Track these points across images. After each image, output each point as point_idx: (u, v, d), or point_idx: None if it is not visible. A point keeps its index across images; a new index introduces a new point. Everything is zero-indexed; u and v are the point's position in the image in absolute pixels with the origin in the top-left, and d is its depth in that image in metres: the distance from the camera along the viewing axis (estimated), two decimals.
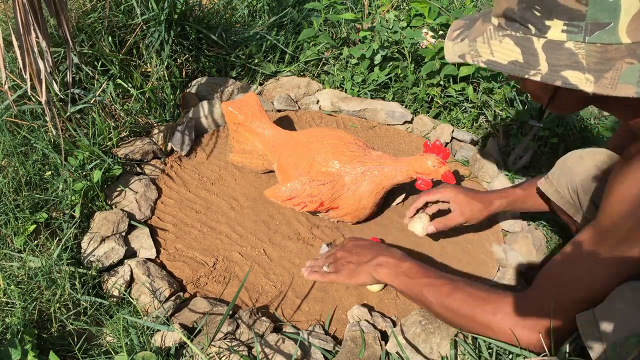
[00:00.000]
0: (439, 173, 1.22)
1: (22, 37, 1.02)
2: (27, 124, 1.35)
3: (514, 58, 0.76)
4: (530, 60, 0.74)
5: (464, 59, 0.81)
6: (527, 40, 0.76)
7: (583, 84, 0.71)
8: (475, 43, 0.81)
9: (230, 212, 1.36)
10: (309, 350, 1.02)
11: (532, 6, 0.74)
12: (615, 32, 0.70)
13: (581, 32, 0.71)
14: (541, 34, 0.74)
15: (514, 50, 0.76)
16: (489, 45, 0.79)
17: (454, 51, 0.84)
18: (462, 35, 0.86)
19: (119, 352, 0.96)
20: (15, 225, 1.16)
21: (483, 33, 0.81)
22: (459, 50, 0.83)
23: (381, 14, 2.00)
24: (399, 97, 1.78)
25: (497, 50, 0.78)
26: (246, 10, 2.04)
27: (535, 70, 0.74)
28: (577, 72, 0.71)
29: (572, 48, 0.72)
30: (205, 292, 1.16)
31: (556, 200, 1.10)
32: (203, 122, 1.57)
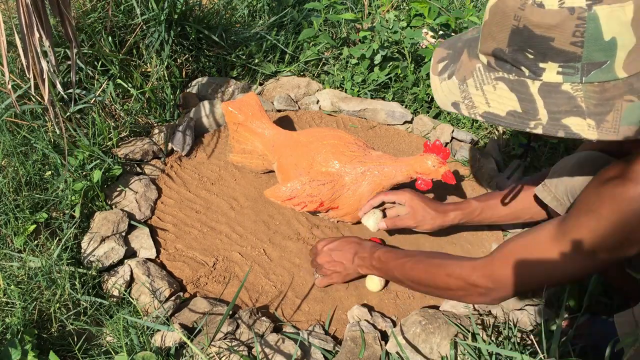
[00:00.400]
0: (439, 173, 1.22)
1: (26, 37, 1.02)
2: (27, 124, 1.35)
3: (511, 107, 0.73)
4: (529, 109, 0.72)
5: (458, 110, 0.78)
6: (522, 85, 0.73)
7: (585, 131, 0.69)
8: (466, 87, 0.78)
9: (230, 212, 1.36)
10: (309, 350, 1.02)
11: (524, 49, 0.71)
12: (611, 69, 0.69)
13: (577, 73, 0.69)
14: (536, 76, 0.72)
15: (509, 97, 0.73)
16: (483, 92, 0.76)
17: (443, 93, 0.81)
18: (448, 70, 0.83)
19: (119, 352, 0.96)
20: (15, 225, 1.16)
21: (472, 73, 0.78)
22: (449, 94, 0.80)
23: (381, 14, 2.00)
24: (399, 97, 1.78)
25: (493, 99, 0.75)
26: (246, 10, 2.04)
27: (535, 120, 0.71)
28: (578, 119, 0.69)
29: (569, 91, 0.70)
30: (205, 292, 1.16)
31: (555, 207, 1.10)
32: (203, 122, 1.57)
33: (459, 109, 0.78)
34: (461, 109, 0.77)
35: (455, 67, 0.82)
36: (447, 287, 0.98)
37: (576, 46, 0.68)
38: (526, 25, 0.69)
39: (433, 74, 0.85)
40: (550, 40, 0.69)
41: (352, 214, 1.29)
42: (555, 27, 0.68)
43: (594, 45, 0.67)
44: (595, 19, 0.66)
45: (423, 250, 1.13)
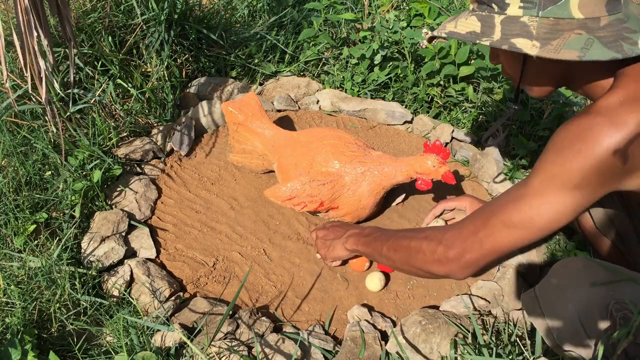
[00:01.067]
0: (439, 173, 1.22)
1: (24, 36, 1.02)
2: (27, 124, 1.35)
3: (472, 29, 0.85)
4: (486, 31, 0.84)
5: (431, 32, 0.94)
6: (489, 18, 0.85)
7: (528, 48, 0.79)
8: (445, 24, 0.91)
9: (230, 212, 1.36)
10: (309, 350, 1.02)
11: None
12: (567, 7, 0.78)
13: (535, 7, 0.80)
14: (502, 11, 0.84)
15: (475, 24, 0.86)
16: (456, 22, 0.89)
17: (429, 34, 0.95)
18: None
19: (119, 352, 0.96)
20: (15, 225, 1.16)
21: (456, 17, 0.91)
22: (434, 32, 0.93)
23: (381, 14, 2.00)
24: (399, 97, 1.78)
25: (461, 24, 0.88)
26: (246, 10, 2.04)
27: (488, 37, 0.83)
28: (525, 40, 0.80)
29: (526, 21, 0.81)
30: (205, 292, 1.16)
31: None
32: (203, 122, 1.57)
33: (433, 32, 0.93)
34: (434, 32, 0.93)
35: None
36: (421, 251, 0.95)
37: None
38: None
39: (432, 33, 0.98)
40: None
41: (352, 214, 1.29)
42: None
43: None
44: None
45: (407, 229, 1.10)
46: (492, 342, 0.98)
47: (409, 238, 0.98)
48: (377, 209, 1.33)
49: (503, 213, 0.85)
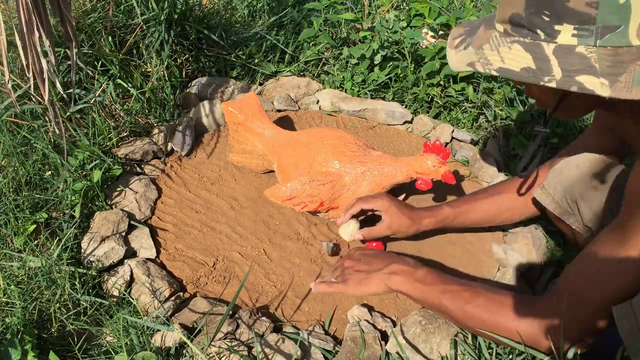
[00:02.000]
0: (439, 173, 1.22)
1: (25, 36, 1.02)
2: (27, 124, 1.35)
3: (525, 65, 0.74)
4: (543, 66, 0.73)
5: (474, 67, 0.78)
6: (537, 46, 0.74)
7: (599, 88, 0.69)
8: (482, 51, 0.79)
9: (230, 212, 1.36)
10: (309, 350, 1.02)
11: (541, 11, 0.72)
12: (626, 34, 0.69)
13: (592, 36, 0.70)
14: (551, 39, 0.73)
15: (524, 56, 0.74)
16: (498, 52, 0.77)
17: (460, 59, 0.82)
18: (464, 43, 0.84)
19: (119, 352, 0.96)
20: (15, 225, 1.16)
21: (489, 40, 0.79)
22: (466, 58, 0.80)
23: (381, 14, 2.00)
24: (399, 97, 1.78)
25: (508, 57, 0.76)
26: (246, 10, 2.04)
27: (549, 76, 0.72)
28: (591, 77, 0.70)
29: (583, 52, 0.71)
30: (205, 292, 1.16)
31: (553, 209, 1.09)
32: (203, 122, 1.57)
33: (474, 66, 0.78)
34: (476, 67, 0.78)
35: (471, 39, 0.83)
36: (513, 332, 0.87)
37: (591, 7, 0.69)
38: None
39: (449, 48, 0.86)
40: (566, 0, 0.70)
41: None
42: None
43: (609, 7, 0.68)
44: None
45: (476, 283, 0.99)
46: (493, 342, 0.98)
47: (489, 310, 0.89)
48: None
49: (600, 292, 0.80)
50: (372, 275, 1.01)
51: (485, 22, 0.84)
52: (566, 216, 1.09)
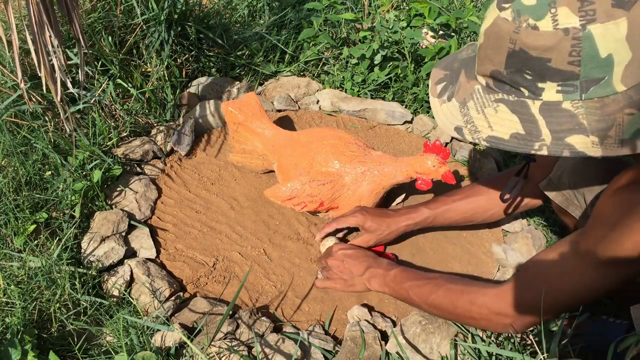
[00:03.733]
0: (439, 173, 1.22)
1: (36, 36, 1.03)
2: (27, 124, 1.35)
3: (514, 130, 0.73)
4: (532, 130, 0.72)
5: (461, 134, 0.78)
6: (523, 105, 0.73)
7: (589, 148, 0.69)
8: (467, 110, 0.78)
9: (230, 212, 1.36)
10: (309, 350, 1.02)
11: (522, 71, 0.71)
12: (610, 84, 0.69)
13: (577, 91, 0.70)
14: (535, 96, 0.72)
15: (511, 119, 0.73)
16: (485, 116, 0.76)
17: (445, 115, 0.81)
18: (447, 92, 0.83)
19: (119, 352, 0.96)
20: (15, 225, 1.16)
21: (472, 95, 0.78)
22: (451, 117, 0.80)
23: (381, 14, 2.00)
24: (399, 97, 1.78)
25: (495, 122, 0.75)
26: (246, 10, 2.04)
27: (539, 142, 0.71)
28: (581, 136, 0.69)
29: (570, 109, 0.70)
30: (205, 292, 1.16)
31: (560, 202, 1.10)
32: (203, 122, 1.57)
33: (462, 133, 0.78)
34: (464, 134, 0.77)
35: (454, 88, 0.82)
36: (470, 316, 0.96)
37: (573, 65, 0.68)
38: (522, 47, 0.70)
39: (432, 96, 0.85)
40: (547, 61, 0.69)
41: None
42: (552, 48, 0.68)
43: (591, 63, 0.68)
44: (590, 38, 0.66)
45: (442, 273, 1.09)
46: (492, 342, 0.99)
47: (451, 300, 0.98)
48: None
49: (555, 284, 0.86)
50: (355, 280, 1.14)
51: (465, 67, 0.83)
52: (572, 208, 1.08)
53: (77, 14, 1.10)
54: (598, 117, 0.69)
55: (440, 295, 0.99)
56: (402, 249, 1.31)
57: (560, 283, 0.84)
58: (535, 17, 0.68)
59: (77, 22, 1.11)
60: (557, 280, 0.85)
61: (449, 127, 0.80)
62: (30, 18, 1.02)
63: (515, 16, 0.70)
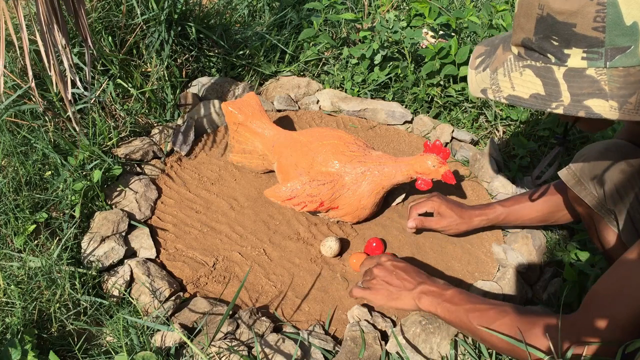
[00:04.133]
0: (439, 173, 1.22)
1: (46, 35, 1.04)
2: (27, 124, 1.35)
3: (535, 91, 0.75)
4: (552, 92, 0.74)
5: (485, 95, 0.81)
6: (548, 70, 0.75)
7: (607, 111, 0.70)
8: (496, 75, 0.81)
9: (230, 212, 1.36)
10: (309, 350, 1.02)
11: (549, 37, 0.74)
12: (636, 54, 0.70)
13: (601, 58, 0.71)
14: (561, 62, 0.74)
15: (534, 82, 0.76)
16: (510, 79, 0.79)
17: (476, 83, 0.84)
18: (483, 64, 0.86)
19: (119, 352, 0.96)
20: (15, 225, 1.16)
21: (504, 63, 0.81)
22: (481, 83, 0.83)
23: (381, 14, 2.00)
24: (399, 97, 1.78)
25: (518, 83, 0.77)
26: (246, 10, 2.04)
27: (557, 102, 0.73)
28: (600, 100, 0.71)
29: (593, 75, 0.72)
30: (205, 292, 1.16)
31: (578, 191, 1.07)
32: (203, 122, 1.57)
33: (486, 93, 0.81)
34: (488, 94, 0.81)
35: (490, 60, 0.85)
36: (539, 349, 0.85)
37: (598, 31, 0.70)
38: (549, 13, 0.72)
39: (470, 68, 0.89)
40: (573, 26, 0.71)
41: (352, 214, 1.29)
42: (576, 13, 0.70)
43: (616, 30, 0.69)
44: (614, 4, 0.68)
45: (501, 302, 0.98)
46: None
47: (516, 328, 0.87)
48: (377, 209, 1.33)
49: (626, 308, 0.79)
50: (403, 294, 1.04)
51: (504, 42, 0.85)
52: (589, 198, 1.06)
53: (83, 14, 1.11)
54: (620, 85, 0.71)
55: (507, 323, 0.89)
56: (402, 248, 1.31)
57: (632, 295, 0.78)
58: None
59: (84, 22, 1.12)
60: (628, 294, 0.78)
61: (476, 91, 0.83)
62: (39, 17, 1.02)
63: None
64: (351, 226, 1.36)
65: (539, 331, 0.85)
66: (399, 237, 1.34)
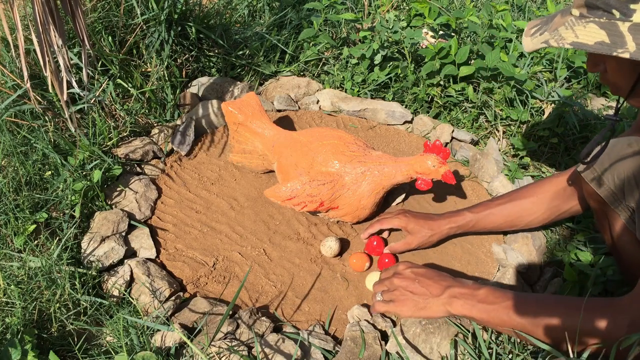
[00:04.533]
0: (439, 173, 1.22)
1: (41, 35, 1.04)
2: (27, 124, 1.35)
3: (600, 39, 0.75)
4: (617, 41, 0.74)
5: (548, 44, 0.80)
6: (612, 25, 0.75)
7: None
8: (557, 31, 0.80)
9: (230, 212, 1.36)
10: (309, 350, 1.02)
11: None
12: None
13: None
14: (626, 17, 0.74)
15: (599, 33, 0.76)
16: (573, 30, 0.78)
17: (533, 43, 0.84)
18: (540, 31, 0.85)
19: (119, 352, 0.96)
20: (15, 225, 1.16)
21: (564, 23, 0.81)
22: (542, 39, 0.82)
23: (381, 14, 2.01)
24: (399, 97, 1.78)
25: (582, 33, 0.77)
26: (246, 10, 2.04)
27: (623, 49, 0.73)
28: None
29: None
30: (205, 292, 1.16)
31: (595, 187, 1.05)
32: (203, 122, 1.57)
33: (548, 43, 0.80)
34: (550, 42, 0.80)
35: (547, 27, 0.85)
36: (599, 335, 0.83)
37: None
38: None
39: (525, 36, 0.88)
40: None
41: (352, 214, 1.29)
42: None
43: None
44: None
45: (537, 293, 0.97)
46: (492, 342, 0.98)
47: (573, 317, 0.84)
48: (377, 209, 1.33)
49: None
50: (431, 302, 0.99)
51: (562, 12, 0.85)
52: (606, 193, 1.03)
53: (80, 14, 1.11)
54: None
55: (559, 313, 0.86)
56: None
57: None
58: None
59: (81, 22, 1.12)
60: None
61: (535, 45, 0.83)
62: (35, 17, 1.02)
63: None
64: (351, 226, 1.36)
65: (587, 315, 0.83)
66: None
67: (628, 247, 1.04)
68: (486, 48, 1.72)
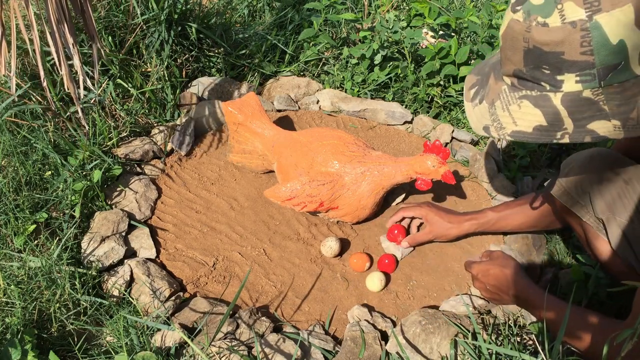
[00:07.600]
0: (438, 173, 1.22)
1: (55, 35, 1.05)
2: (27, 124, 1.35)
3: (537, 123, 0.76)
4: (554, 120, 0.75)
5: (489, 133, 0.82)
6: (545, 99, 0.76)
7: (612, 132, 0.71)
8: (495, 109, 0.81)
9: (230, 212, 1.36)
10: (309, 350, 1.02)
11: (540, 66, 0.74)
12: (628, 68, 0.70)
13: (595, 79, 0.72)
14: (556, 89, 0.75)
15: (534, 113, 0.76)
16: (509, 112, 0.79)
17: (476, 117, 0.85)
18: (479, 96, 0.87)
19: (119, 352, 0.96)
20: (15, 225, 1.16)
21: (499, 95, 0.81)
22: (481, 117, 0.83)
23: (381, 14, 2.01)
24: (399, 97, 1.78)
25: (519, 117, 0.78)
26: (246, 10, 2.04)
27: (562, 131, 0.74)
28: (603, 122, 0.72)
29: (590, 97, 0.72)
30: (206, 292, 1.16)
31: (565, 201, 1.09)
32: (203, 122, 1.57)
33: (489, 131, 0.82)
34: (491, 132, 0.81)
35: (484, 91, 0.86)
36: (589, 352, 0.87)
37: (587, 55, 0.70)
38: (535, 45, 0.73)
39: (466, 100, 0.90)
40: (561, 54, 0.72)
41: (351, 214, 1.29)
42: (562, 42, 0.71)
43: (604, 51, 0.69)
44: (598, 27, 0.68)
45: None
46: (492, 342, 0.98)
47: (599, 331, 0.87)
48: (377, 209, 1.33)
49: None
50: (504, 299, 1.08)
51: (494, 70, 0.86)
52: (577, 207, 1.07)
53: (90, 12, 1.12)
54: (619, 102, 0.71)
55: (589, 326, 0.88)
56: None
57: None
58: (543, 15, 0.71)
59: (91, 20, 1.12)
60: None
61: (478, 128, 0.84)
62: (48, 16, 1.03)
63: (525, 16, 0.73)
64: (351, 226, 1.36)
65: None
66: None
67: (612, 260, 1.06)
68: (486, 48, 1.72)
